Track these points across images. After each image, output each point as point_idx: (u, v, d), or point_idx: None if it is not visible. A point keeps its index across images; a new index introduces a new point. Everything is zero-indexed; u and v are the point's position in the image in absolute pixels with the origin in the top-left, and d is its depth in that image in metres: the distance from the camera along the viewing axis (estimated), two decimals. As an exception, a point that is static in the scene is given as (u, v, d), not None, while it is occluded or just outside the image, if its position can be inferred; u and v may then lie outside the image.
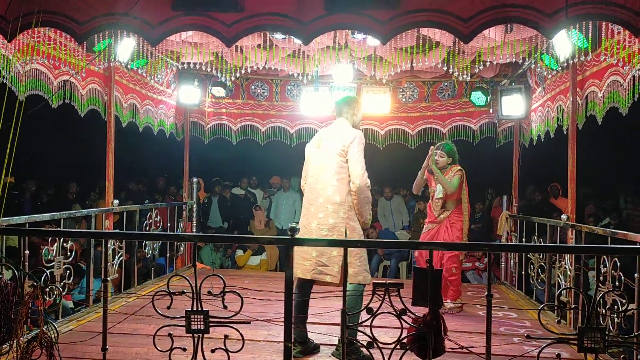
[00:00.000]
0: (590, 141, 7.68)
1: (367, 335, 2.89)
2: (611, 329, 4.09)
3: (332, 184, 3.96)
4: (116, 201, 5.84)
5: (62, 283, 4.76)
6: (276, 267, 8.94)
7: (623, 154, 10.18)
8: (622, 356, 4.07)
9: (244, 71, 6.16)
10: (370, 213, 4.06)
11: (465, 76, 5.88)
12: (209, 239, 8.07)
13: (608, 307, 4.16)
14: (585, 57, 4.72)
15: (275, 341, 4.18)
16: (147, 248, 6.90)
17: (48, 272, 3.49)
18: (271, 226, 9.59)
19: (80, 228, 7.80)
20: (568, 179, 5.40)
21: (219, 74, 6.35)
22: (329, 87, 7.44)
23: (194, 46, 5.61)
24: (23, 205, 8.48)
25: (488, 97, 7.29)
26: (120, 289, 6.28)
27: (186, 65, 5.93)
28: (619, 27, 3.86)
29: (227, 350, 2.98)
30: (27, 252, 4.12)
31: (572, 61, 4.95)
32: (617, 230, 4.68)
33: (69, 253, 4.88)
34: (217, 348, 2.96)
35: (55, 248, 4.70)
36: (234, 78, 6.53)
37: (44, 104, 4.57)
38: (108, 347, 3.18)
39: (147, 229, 6.71)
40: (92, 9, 3.72)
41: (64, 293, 5.10)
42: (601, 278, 4.32)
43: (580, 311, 4.26)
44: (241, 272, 8.12)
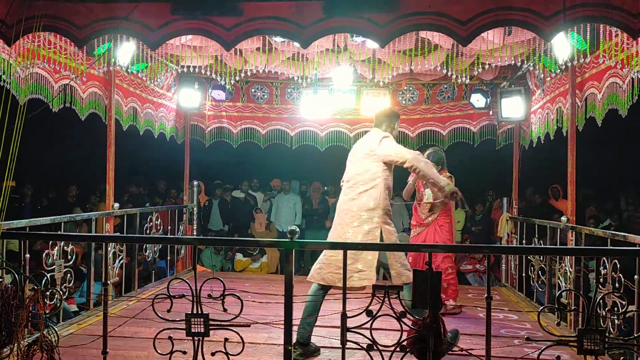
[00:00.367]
0: (591, 143, 7.69)
1: (367, 337, 2.90)
2: (611, 331, 4.09)
3: (365, 190, 4.04)
4: (117, 204, 5.85)
5: (63, 286, 4.77)
6: (277, 270, 8.94)
7: (624, 156, 10.18)
8: (622, 358, 4.07)
9: (244, 74, 6.18)
10: (440, 176, 4.26)
11: (464, 79, 5.89)
12: (210, 242, 8.08)
13: (608, 309, 4.16)
14: (584, 60, 4.73)
15: (275, 344, 4.18)
16: (148, 251, 6.90)
17: (48, 276, 3.50)
18: (272, 229, 9.60)
19: (81, 231, 7.81)
20: (568, 181, 5.41)
21: (219, 77, 6.37)
22: (329, 90, 7.46)
23: (194, 49, 5.63)
24: (23, 209, 8.49)
25: (488, 100, 7.30)
26: (121, 292, 6.28)
27: (186, 68, 5.94)
28: (617, 29, 3.87)
29: (228, 353, 2.98)
30: (28, 256, 4.14)
31: (571, 63, 4.96)
32: (618, 232, 4.68)
33: (70, 257, 4.89)
34: (218, 351, 2.97)
35: (55, 252, 4.71)
36: (234, 81, 6.55)
37: (45, 108, 4.58)
38: (108, 351, 3.18)
39: (148, 232, 6.72)
40: (92, 13, 3.73)
41: (65, 297, 5.10)
42: (601, 280, 4.32)
43: (580, 313, 4.26)
44: (242, 275, 8.12)
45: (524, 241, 6.69)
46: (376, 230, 3.99)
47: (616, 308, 4.11)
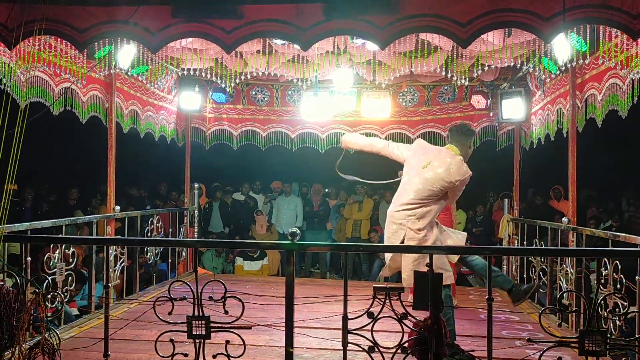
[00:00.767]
0: (592, 144, 7.69)
1: (369, 339, 2.90)
2: (613, 332, 4.08)
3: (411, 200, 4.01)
4: (117, 207, 5.85)
5: (64, 289, 4.77)
6: (278, 272, 8.94)
7: (625, 157, 10.18)
8: (624, 359, 4.06)
9: (245, 77, 6.18)
10: None
11: (463, 80, 5.90)
12: (210, 245, 8.09)
13: (609, 310, 4.16)
14: (583, 61, 4.73)
15: (276, 346, 4.18)
16: (149, 254, 6.91)
17: (50, 279, 3.50)
18: (273, 231, 9.60)
19: (82, 234, 7.81)
20: (569, 182, 5.41)
21: (219, 80, 6.38)
22: (329, 92, 7.47)
23: (195, 52, 5.63)
24: (24, 212, 8.48)
25: (488, 101, 7.30)
26: (122, 295, 6.28)
27: (187, 71, 5.94)
28: (617, 31, 3.87)
29: (229, 355, 2.99)
30: (29, 259, 4.14)
31: (571, 64, 4.96)
32: (620, 232, 4.68)
33: (71, 259, 4.89)
34: (219, 353, 2.97)
35: (57, 255, 4.71)
36: (234, 84, 6.56)
37: (45, 111, 4.59)
38: (110, 354, 3.19)
39: (149, 235, 6.72)
40: (93, 17, 3.74)
41: (66, 300, 5.11)
42: (602, 281, 4.32)
43: (581, 314, 4.26)
44: (243, 277, 8.11)
45: (525, 242, 6.69)
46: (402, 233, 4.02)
47: (617, 309, 4.11)
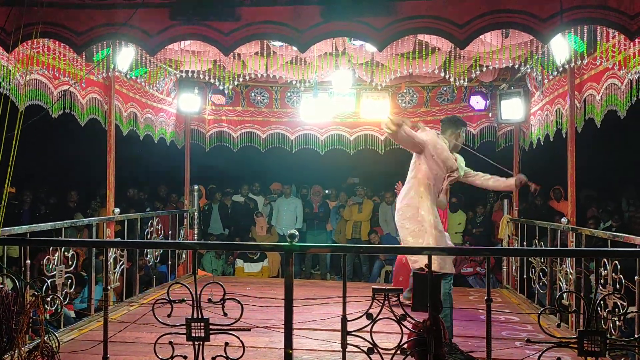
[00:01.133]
0: (592, 144, 7.68)
1: (368, 340, 2.90)
2: (612, 332, 4.08)
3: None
4: (117, 209, 5.85)
5: (64, 292, 4.77)
6: (278, 274, 8.93)
7: (626, 157, 10.17)
8: (623, 359, 4.06)
9: (243, 79, 6.19)
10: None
11: (462, 81, 5.90)
12: (210, 247, 8.08)
13: (609, 310, 4.16)
14: (581, 61, 4.73)
15: (276, 348, 4.17)
16: (149, 256, 6.91)
17: (49, 282, 3.50)
18: (273, 232, 9.59)
19: (82, 237, 7.82)
20: (568, 182, 5.42)
21: (218, 82, 6.38)
22: (329, 93, 7.47)
23: (193, 54, 5.64)
24: (22, 215, 8.48)
25: (487, 102, 7.30)
26: (122, 297, 6.28)
27: (186, 73, 5.95)
28: (615, 31, 3.87)
29: (228, 357, 2.99)
30: (29, 262, 4.14)
31: (570, 65, 4.96)
32: (620, 232, 4.68)
33: (71, 262, 4.89)
34: (218, 355, 2.97)
35: (56, 257, 4.71)
36: (232, 86, 6.56)
37: (44, 114, 4.59)
38: (109, 356, 3.19)
39: (149, 237, 6.72)
40: (91, 20, 3.74)
41: (66, 302, 5.11)
42: (602, 281, 4.32)
43: (581, 315, 4.26)
44: (242, 279, 8.11)
45: (525, 243, 6.68)
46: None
47: (617, 309, 4.10)
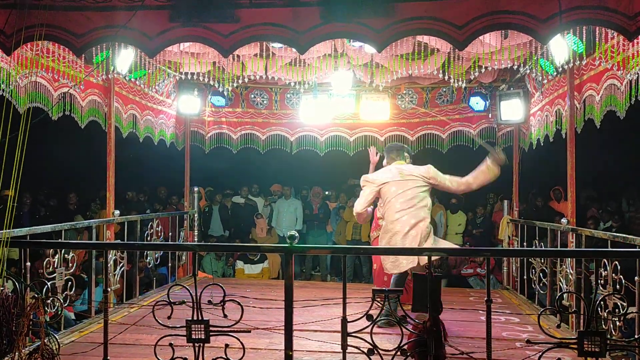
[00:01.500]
0: (592, 144, 7.68)
1: (368, 342, 2.90)
2: (613, 333, 4.08)
3: None
4: (117, 211, 5.85)
5: (64, 294, 4.77)
6: (278, 275, 8.93)
7: (626, 157, 10.18)
8: (623, 360, 4.06)
9: (243, 80, 6.19)
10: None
11: (461, 82, 5.90)
12: (210, 248, 8.10)
13: (609, 311, 4.15)
14: (580, 62, 4.74)
15: (276, 349, 4.17)
16: (149, 258, 6.91)
17: (49, 284, 3.50)
18: (273, 234, 9.59)
19: (82, 239, 7.81)
20: (567, 183, 5.42)
21: (217, 84, 6.38)
22: (328, 95, 7.47)
23: (193, 56, 5.64)
24: (22, 217, 8.47)
25: (487, 102, 7.30)
26: (122, 299, 6.28)
27: (185, 75, 5.95)
28: (614, 32, 3.88)
29: (228, 359, 2.99)
30: (29, 264, 4.14)
31: (569, 65, 4.96)
32: (620, 233, 4.68)
33: (71, 264, 4.89)
34: (218, 357, 2.97)
35: (56, 259, 4.71)
36: (231, 87, 6.57)
37: (44, 116, 4.59)
38: (109, 358, 3.19)
39: (149, 239, 6.72)
40: (91, 22, 3.75)
41: (66, 304, 5.11)
42: (602, 281, 4.32)
43: (581, 315, 4.25)
44: (243, 281, 8.11)
45: (525, 243, 6.68)
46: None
47: (617, 310, 4.10)
